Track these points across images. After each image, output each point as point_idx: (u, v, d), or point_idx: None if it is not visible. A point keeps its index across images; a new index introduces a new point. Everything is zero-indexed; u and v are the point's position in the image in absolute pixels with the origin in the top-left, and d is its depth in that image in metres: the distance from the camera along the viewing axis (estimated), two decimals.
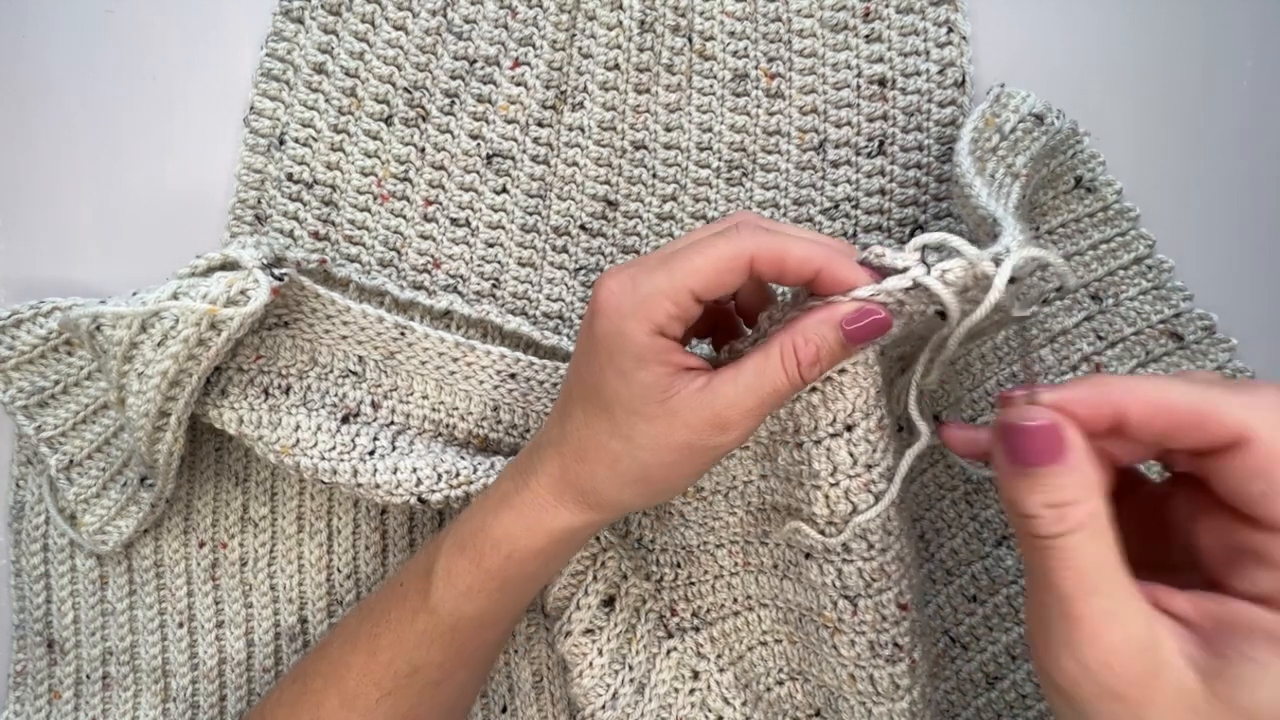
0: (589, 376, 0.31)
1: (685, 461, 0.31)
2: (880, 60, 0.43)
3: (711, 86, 0.44)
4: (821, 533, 0.36)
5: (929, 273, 0.28)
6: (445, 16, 0.44)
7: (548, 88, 0.44)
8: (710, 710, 0.41)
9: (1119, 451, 0.27)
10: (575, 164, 0.44)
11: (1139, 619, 0.24)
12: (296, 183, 0.44)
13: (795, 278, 0.29)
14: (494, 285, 0.45)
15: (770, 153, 0.44)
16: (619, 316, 0.30)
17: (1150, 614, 0.24)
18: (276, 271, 0.37)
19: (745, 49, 0.44)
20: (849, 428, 0.33)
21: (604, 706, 0.39)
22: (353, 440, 0.40)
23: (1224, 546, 0.25)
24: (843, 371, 0.32)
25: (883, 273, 0.30)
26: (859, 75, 0.43)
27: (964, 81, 0.43)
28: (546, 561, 0.35)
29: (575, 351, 0.33)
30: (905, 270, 0.29)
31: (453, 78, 0.44)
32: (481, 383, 0.42)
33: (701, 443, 0.31)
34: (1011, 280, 0.29)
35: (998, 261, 0.29)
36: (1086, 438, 0.26)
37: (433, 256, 0.45)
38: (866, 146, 0.44)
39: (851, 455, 0.34)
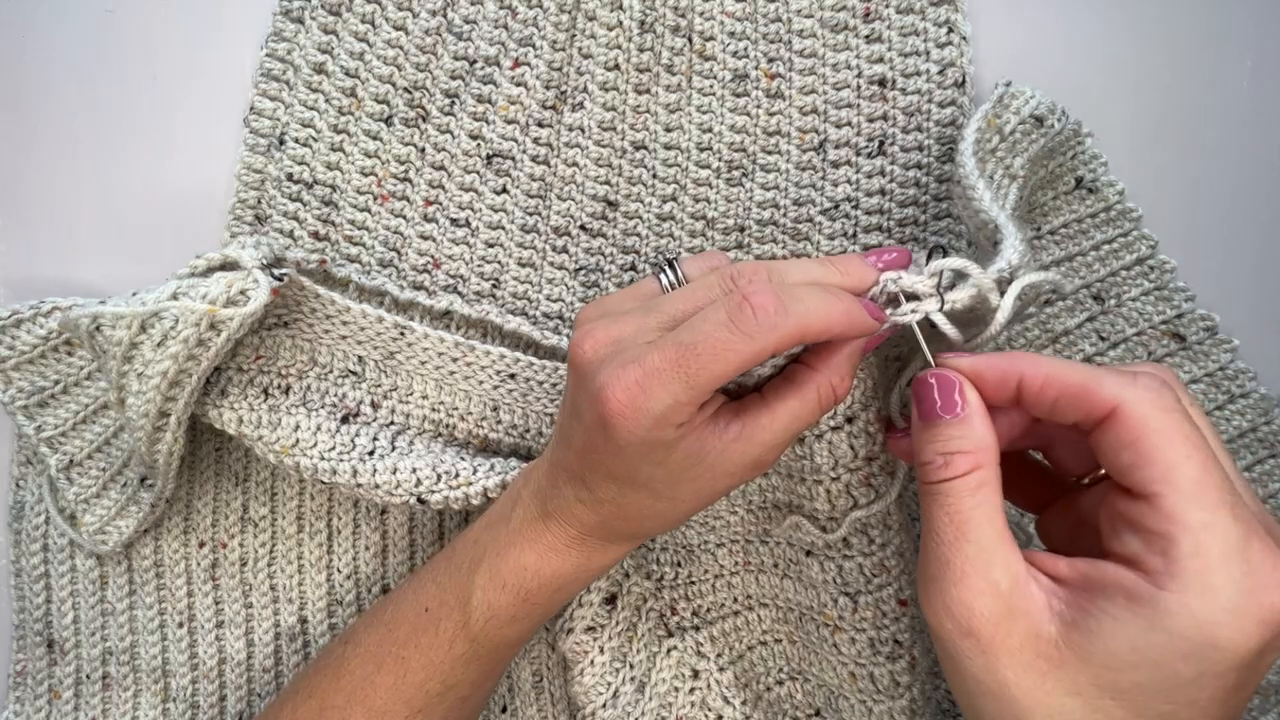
0: (615, 466, 0.31)
1: (723, 495, 0.33)
2: (880, 60, 0.43)
3: (711, 86, 0.44)
4: (822, 529, 0.36)
5: (941, 305, 0.30)
6: (445, 16, 0.44)
7: (548, 88, 0.44)
8: (710, 709, 0.41)
9: (1027, 435, 0.30)
10: (575, 164, 0.44)
11: (1002, 569, 0.27)
12: (296, 183, 0.44)
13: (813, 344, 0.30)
14: (494, 285, 0.45)
15: (770, 153, 0.44)
16: (640, 428, 0.29)
17: (1017, 568, 0.27)
18: (276, 271, 0.37)
19: (745, 49, 0.44)
20: (849, 420, 0.34)
21: (605, 705, 0.39)
22: (352, 440, 0.40)
23: (1109, 517, 0.27)
24: None
25: (893, 296, 0.31)
26: (859, 75, 0.43)
27: (964, 81, 0.43)
28: (590, 583, 0.37)
29: (582, 441, 0.31)
30: (919, 299, 0.30)
31: (453, 78, 0.44)
32: (481, 383, 0.42)
33: (740, 483, 0.32)
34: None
35: (1001, 286, 0.29)
36: (988, 405, 0.29)
37: (433, 256, 0.45)
38: (866, 146, 0.44)
39: (852, 448, 0.34)
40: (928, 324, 0.30)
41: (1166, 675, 0.24)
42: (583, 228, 0.45)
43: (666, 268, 0.35)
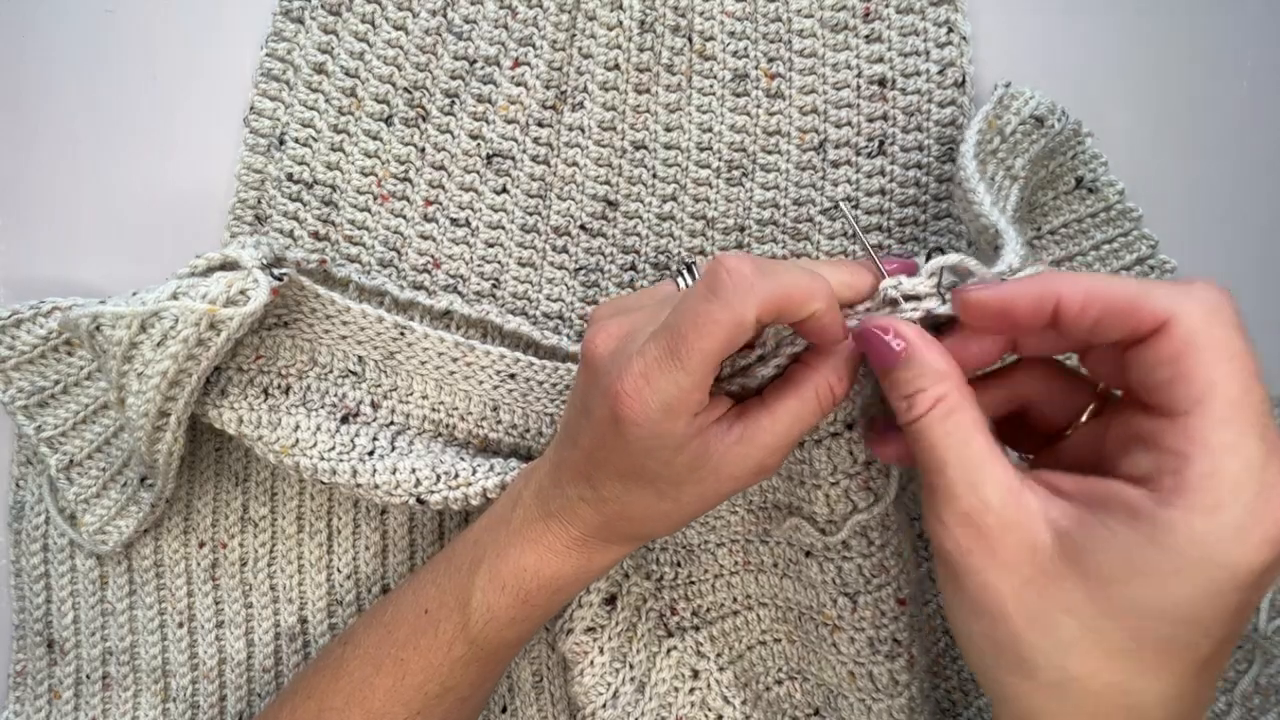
0: (622, 463, 0.31)
1: (726, 498, 0.33)
2: (880, 60, 0.43)
3: (711, 86, 0.44)
4: (822, 531, 0.36)
5: (943, 301, 0.30)
6: (445, 16, 0.44)
7: (548, 88, 0.44)
8: (710, 709, 0.41)
9: (1051, 344, 0.29)
10: (575, 164, 0.44)
11: (991, 485, 0.26)
12: (296, 183, 0.44)
13: (796, 318, 0.29)
14: (494, 285, 0.45)
15: (770, 153, 0.44)
16: (650, 423, 0.29)
17: (1008, 480, 0.26)
18: (276, 271, 0.37)
19: (745, 49, 0.44)
20: (849, 425, 0.34)
21: (605, 705, 0.39)
22: (352, 440, 0.40)
23: (1122, 439, 0.27)
24: None
25: (894, 301, 0.31)
26: (859, 75, 0.43)
27: (964, 81, 0.43)
28: (589, 585, 0.37)
29: (591, 438, 0.31)
30: (920, 298, 0.30)
31: (453, 78, 0.44)
32: (481, 383, 0.42)
33: (743, 487, 0.32)
34: None
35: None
36: (1024, 330, 0.28)
37: (433, 256, 0.45)
38: (866, 146, 0.44)
39: (852, 454, 0.34)
40: (930, 325, 0.30)
41: (1162, 593, 0.24)
42: (583, 228, 0.45)
43: (685, 271, 0.35)
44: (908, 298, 0.30)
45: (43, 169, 0.45)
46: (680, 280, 0.35)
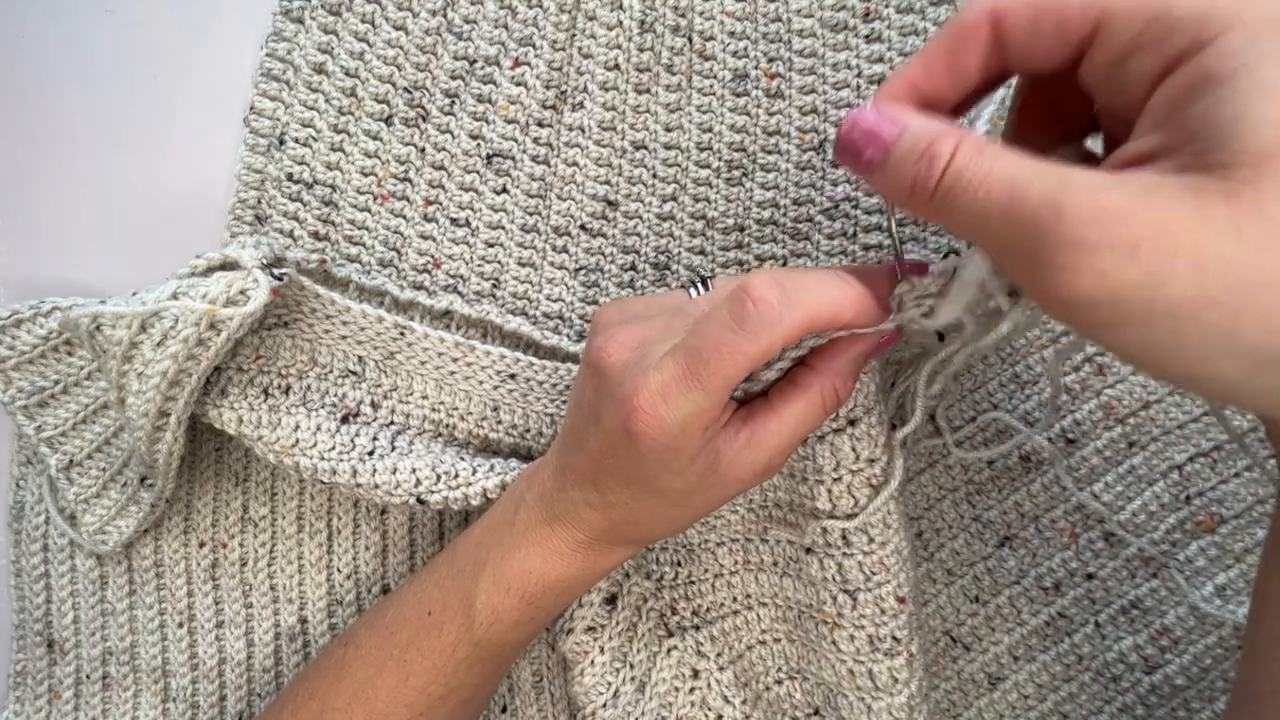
0: (632, 473, 0.30)
1: (731, 499, 0.33)
2: (880, 60, 0.43)
3: (711, 86, 0.44)
4: (846, 518, 0.36)
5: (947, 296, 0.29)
6: (445, 16, 0.44)
7: (548, 88, 0.44)
8: (710, 709, 0.41)
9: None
10: (575, 164, 0.44)
11: (1083, 176, 0.21)
12: (296, 183, 0.44)
13: (825, 334, 0.29)
14: (494, 285, 0.45)
15: (770, 153, 0.44)
16: (666, 437, 0.28)
17: (1095, 173, 0.21)
18: (276, 271, 0.37)
19: (745, 49, 0.44)
20: (852, 422, 0.34)
21: (605, 705, 0.39)
22: (352, 440, 0.40)
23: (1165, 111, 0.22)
24: None
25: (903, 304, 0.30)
26: (859, 75, 0.43)
27: None
28: (592, 585, 0.37)
29: (599, 446, 0.31)
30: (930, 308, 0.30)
31: (453, 78, 0.44)
32: (481, 383, 0.42)
33: (749, 487, 0.32)
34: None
35: (1013, 293, 0.29)
36: (1039, 68, 0.24)
37: (433, 256, 0.45)
38: None
39: (854, 450, 0.34)
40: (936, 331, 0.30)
41: None
42: (583, 228, 0.45)
43: (700, 283, 0.35)
44: (920, 299, 0.30)
45: (42, 169, 0.45)
46: (692, 290, 0.35)
